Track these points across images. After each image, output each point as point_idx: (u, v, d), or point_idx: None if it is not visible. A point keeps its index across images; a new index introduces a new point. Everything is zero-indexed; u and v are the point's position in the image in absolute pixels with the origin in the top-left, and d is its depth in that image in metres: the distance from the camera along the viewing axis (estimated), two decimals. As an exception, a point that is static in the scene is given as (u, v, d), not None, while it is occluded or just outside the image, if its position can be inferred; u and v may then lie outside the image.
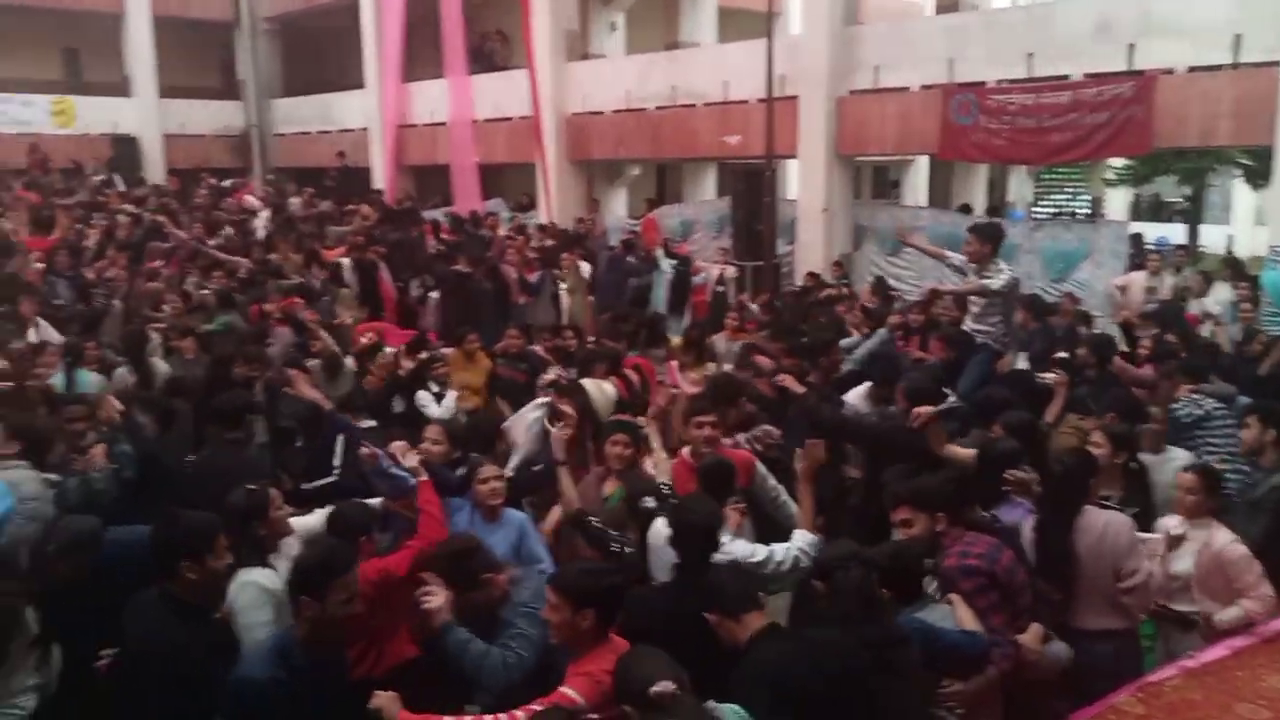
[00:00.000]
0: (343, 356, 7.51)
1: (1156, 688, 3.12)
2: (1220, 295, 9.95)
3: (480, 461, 4.61)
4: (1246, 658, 3.45)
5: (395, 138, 19.90)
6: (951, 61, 12.15)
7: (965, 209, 16.95)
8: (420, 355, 7.26)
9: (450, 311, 10.50)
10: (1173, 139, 10.93)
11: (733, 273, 12.73)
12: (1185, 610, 4.23)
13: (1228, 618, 4.04)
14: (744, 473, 4.58)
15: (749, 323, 9.15)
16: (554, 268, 11.78)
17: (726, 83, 14.51)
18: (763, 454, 5.02)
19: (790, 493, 4.64)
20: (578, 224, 15.19)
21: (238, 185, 19.26)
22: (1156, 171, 20.34)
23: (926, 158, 19.46)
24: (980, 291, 6.96)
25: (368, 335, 8.12)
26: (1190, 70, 10.35)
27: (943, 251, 7.77)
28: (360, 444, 4.50)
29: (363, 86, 20.62)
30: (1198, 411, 5.70)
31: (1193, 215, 21.70)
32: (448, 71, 18.27)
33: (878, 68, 12.84)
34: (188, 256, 11.62)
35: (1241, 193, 22.44)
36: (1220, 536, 4.18)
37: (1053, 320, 9.18)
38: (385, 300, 10.97)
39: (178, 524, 3.51)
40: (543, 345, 8.25)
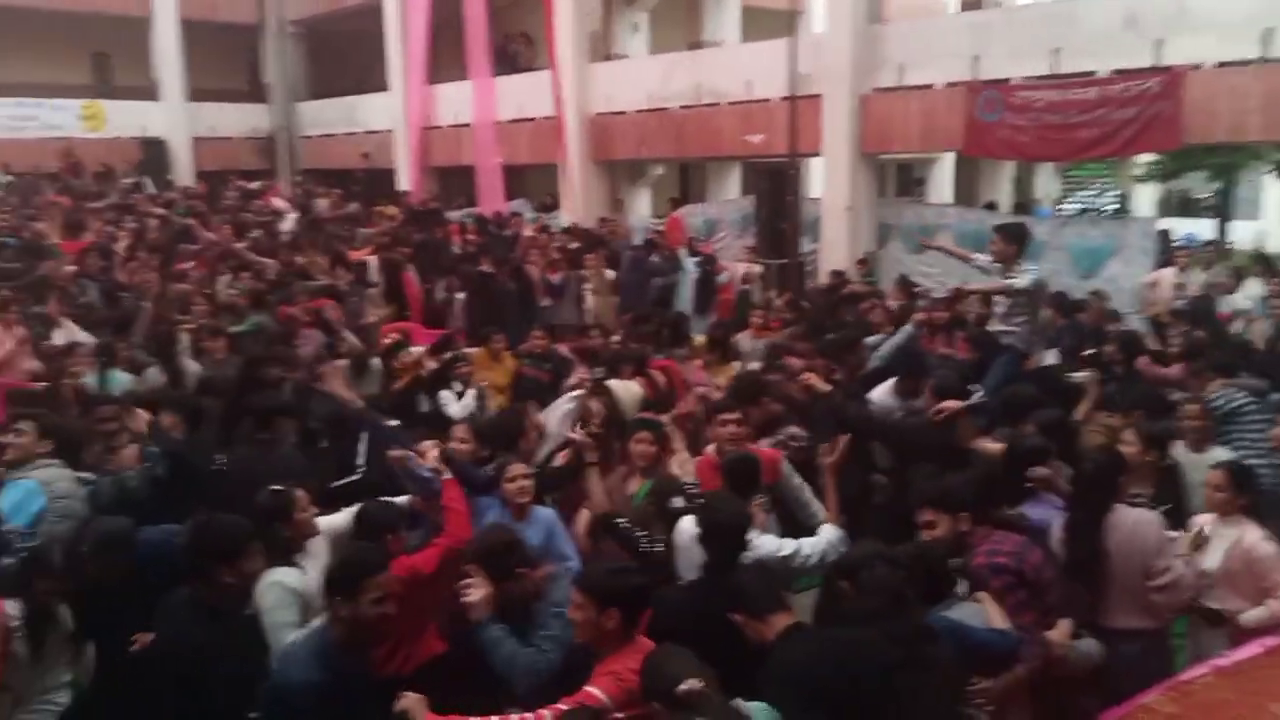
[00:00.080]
0: (369, 356, 7.56)
1: (1188, 686, 3.09)
2: (1251, 291, 9.87)
3: (508, 460, 4.63)
4: (1280, 656, 3.40)
5: (420, 139, 19.98)
6: (976, 58, 12.06)
7: (991, 206, 16.87)
8: (444, 355, 7.30)
9: (475, 312, 10.54)
10: (1201, 135, 10.77)
11: (758, 271, 12.69)
12: (1215, 607, 4.18)
13: (1253, 618, 4.00)
14: (770, 470, 4.57)
15: (773, 321, 9.12)
16: (579, 269, 11.80)
17: (750, 82, 14.47)
18: (791, 457, 5.01)
19: (816, 492, 4.64)
20: (601, 224, 15.19)
21: (265, 187, 19.43)
22: (1185, 167, 20.05)
23: (951, 155, 19.33)
24: (1005, 291, 6.91)
25: (392, 336, 8.17)
26: (1219, 65, 10.22)
27: (968, 253, 7.75)
28: (389, 443, 4.54)
29: (387, 89, 20.69)
30: (1231, 404, 5.66)
31: (1222, 211, 21.42)
32: (471, 73, 18.31)
33: (902, 65, 12.75)
34: (217, 257, 11.72)
35: (1272, 188, 22.15)
36: (1251, 534, 4.14)
37: (1081, 317, 9.11)
38: (411, 301, 11.02)
39: (213, 529, 3.54)
40: (568, 345, 8.27)
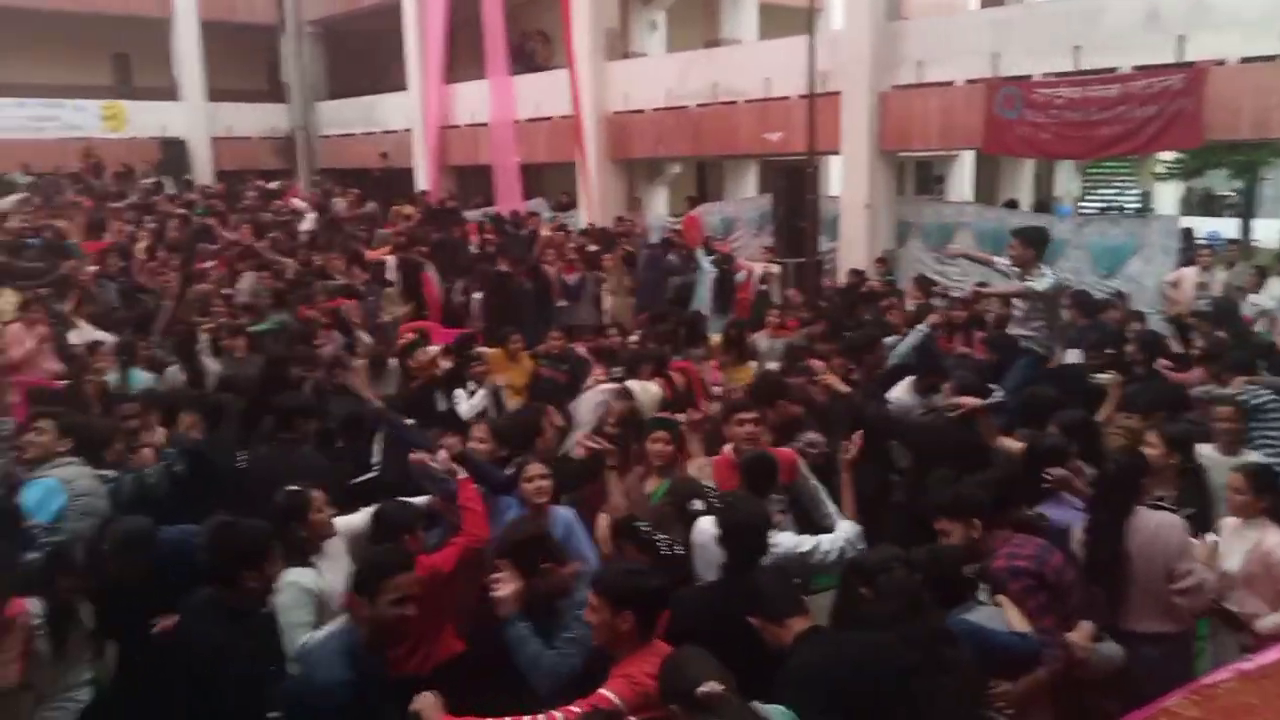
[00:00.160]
0: (387, 355, 7.58)
1: (1211, 690, 3.04)
2: (1274, 290, 9.78)
3: (527, 460, 4.62)
4: (1306, 661, 3.35)
5: (437, 138, 20.05)
6: (996, 55, 11.98)
7: (1011, 204, 16.77)
8: (462, 354, 7.31)
9: (492, 312, 10.55)
10: (1224, 132, 10.67)
11: (776, 270, 12.65)
12: (1235, 610, 4.13)
13: (1270, 623, 3.94)
14: (787, 470, 4.55)
15: (790, 320, 9.09)
16: (596, 269, 11.79)
17: (768, 79, 14.41)
18: (808, 463, 4.98)
19: (833, 496, 4.61)
20: (618, 223, 15.19)
21: (285, 187, 19.52)
22: (1208, 165, 19.90)
23: (971, 153, 19.24)
24: (1024, 293, 6.85)
25: (409, 335, 8.18)
26: (1242, 61, 10.13)
27: (989, 257, 7.75)
28: (407, 443, 4.54)
29: (405, 88, 20.75)
30: (1256, 400, 5.61)
31: (1245, 209, 21.22)
32: (489, 72, 18.35)
33: (921, 62, 12.68)
34: (237, 257, 11.79)
35: (1296, 186, 22.00)
36: (1271, 537, 4.08)
37: (1103, 317, 9.04)
38: (430, 300, 11.04)
39: (236, 533, 3.53)
40: (585, 346, 8.26)
